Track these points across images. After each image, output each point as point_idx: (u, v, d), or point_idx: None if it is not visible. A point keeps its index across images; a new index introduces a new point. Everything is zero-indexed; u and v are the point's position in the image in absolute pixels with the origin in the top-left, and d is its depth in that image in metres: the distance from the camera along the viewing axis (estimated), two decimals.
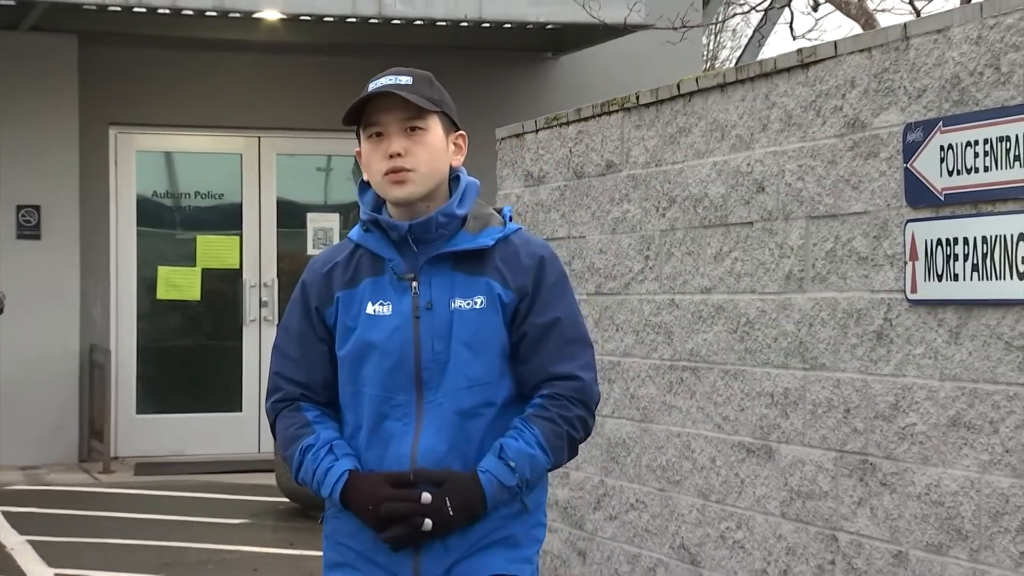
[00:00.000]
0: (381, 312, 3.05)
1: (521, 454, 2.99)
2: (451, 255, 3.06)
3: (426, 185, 3.06)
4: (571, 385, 3.05)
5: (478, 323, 3.03)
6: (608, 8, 11.91)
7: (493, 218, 3.12)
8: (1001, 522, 4.04)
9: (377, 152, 3.07)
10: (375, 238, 3.11)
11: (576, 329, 3.10)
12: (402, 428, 3.03)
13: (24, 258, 12.60)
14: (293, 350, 3.15)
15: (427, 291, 3.05)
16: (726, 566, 5.29)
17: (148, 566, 8.42)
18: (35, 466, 12.43)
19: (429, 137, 3.06)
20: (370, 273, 3.09)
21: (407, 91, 3.03)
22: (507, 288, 3.05)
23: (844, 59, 4.71)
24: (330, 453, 3.05)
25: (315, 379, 3.13)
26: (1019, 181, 3.97)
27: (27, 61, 12.61)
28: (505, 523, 3.05)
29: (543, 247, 3.13)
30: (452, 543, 3.02)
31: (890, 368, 4.49)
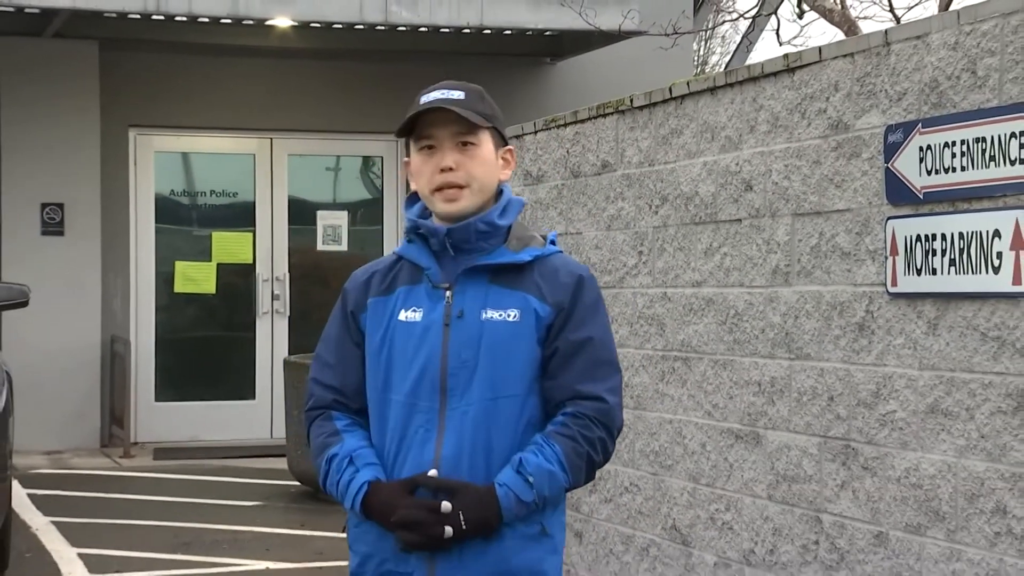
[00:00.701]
0: (412, 318, 2.95)
1: (540, 469, 2.85)
2: (488, 268, 2.95)
3: (476, 201, 2.95)
4: (596, 406, 2.91)
5: (508, 335, 2.91)
6: (603, 15, 11.91)
7: (534, 240, 3.02)
8: (976, 504, 4.04)
9: (428, 165, 2.95)
10: (416, 248, 3.00)
11: (607, 352, 2.97)
12: (424, 435, 2.91)
13: (48, 253, 12.60)
14: (330, 355, 3.05)
15: (460, 300, 2.93)
16: (715, 546, 5.29)
17: (166, 546, 8.42)
18: (59, 451, 12.45)
19: (481, 152, 2.96)
20: (407, 282, 2.99)
21: (460, 106, 2.93)
22: (544, 303, 2.93)
23: (828, 64, 4.70)
24: (351, 465, 2.94)
25: (349, 383, 3.03)
26: (994, 180, 3.97)
27: (51, 66, 12.61)
28: (525, 546, 2.91)
29: (582, 268, 3.02)
30: (468, 561, 2.87)
31: (871, 358, 4.49)
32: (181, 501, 9.95)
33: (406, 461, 2.90)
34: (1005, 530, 3.93)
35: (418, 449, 2.89)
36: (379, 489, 2.89)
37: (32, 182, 12.63)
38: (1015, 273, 3.89)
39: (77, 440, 12.64)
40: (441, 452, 2.88)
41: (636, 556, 5.83)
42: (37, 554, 8.24)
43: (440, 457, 2.87)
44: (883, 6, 12.02)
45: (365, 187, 14.07)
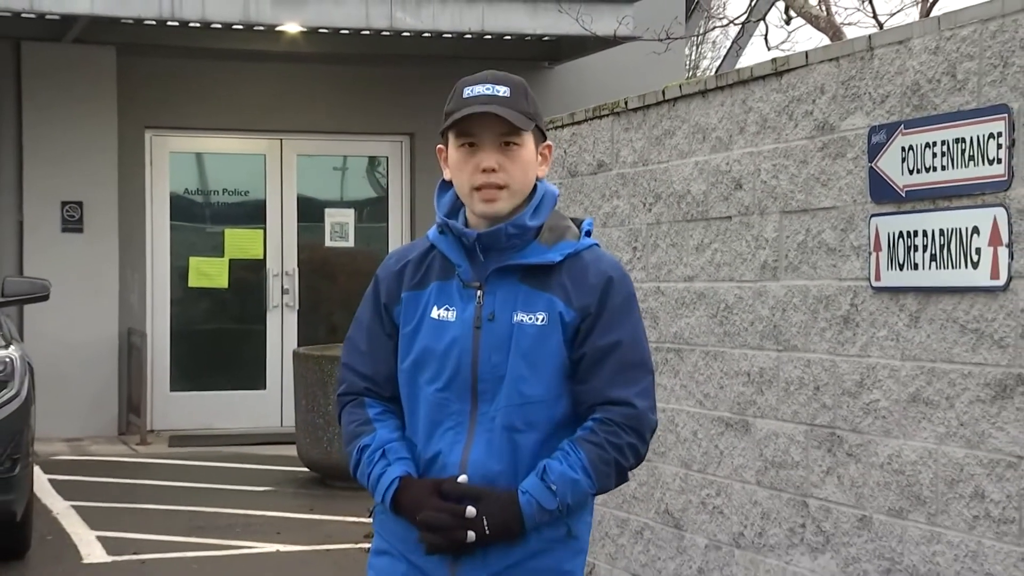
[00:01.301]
0: (446, 317, 2.79)
1: (564, 478, 2.70)
2: (519, 267, 2.78)
3: (514, 201, 2.79)
4: (625, 412, 2.76)
5: (538, 339, 2.75)
6: (599, 22, 11.91)
7: (569, 231, 2.83)
8: (956, 489, 4.04)
9: (469, 163, 2.77)
10: (448, 242, 2.83)
11: (637, 353, 2.81)
12: (453, 437, 2.77)
13: (68, 250, 12.61)
14: (362, 343, 2.90)
15: (491, 301, 2.77)
16: (706, 529, 5.30)
17: (181, 529, 8.43)
18: (78, 438, 12.46)
19: (523, 152, 2.79)
20: (439, 276, 2.83)
21: (506, 106, 2.76)
22: (569, 307, 2.76)
23: (814, 68, 4.70)
24: (383, 458, 2.80)
25: (381, 372, 2.88)
26: (973, 179, 3.97)
27: (70, 70, 12.61)
28: (549, 547, 2.77)
29: (613, 267, 2.83)
30: (492, 559, 2.74)
31: (856, 349, 4.49)
32: (195, 486, 9.96)
33: (436, 460, 2.78)
34: (983, 514, 3.94)
35: (447, 449, 2.77)
36: (409, 486, 2.76)
37: (52, 181, 12.64)
38: (993, 268, 3.89)
39: (96, 428, 12.66)
40: (469, 456, 2.75)
41: (631, 539, 5.84)
42: (58, 536, 8.24)
43: (468, 460, 2.75)
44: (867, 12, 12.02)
45: (371, 186, 14.07)
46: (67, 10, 11.25)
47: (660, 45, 11.43)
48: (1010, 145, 3.83)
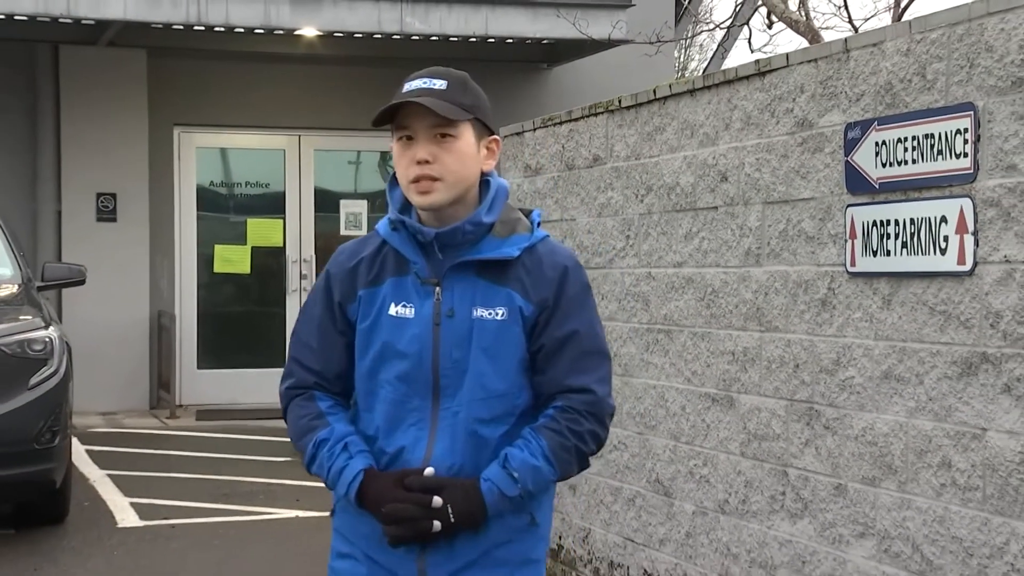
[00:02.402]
0: (404, 314, 2.61)
1: (525, 465, 2.56)
2: (476, 263, 2.61)
3: (452, 193, 2.60)
4: (584, 398, 2.61)
5: (498, 334, 2.59)
6: (595, 26, 11.90)
7: (520, 223, 2.67)
8: (924, 459, 4.04)
9: (405, 156, 2.61)
10: (401, 238, 2.65)
11: (594, 341, 2.65)
12: (416, 434, 2.59)
13: (103, 238, 12.63)
14: (312, 338, 2.70)
15: (449, 297, 2.60)
16: (694, 497, 5.30)
17: (208, 496, 8.45)
18: (113, 412, 12.48)
19: (459, 144, 2.60)
20: (394, 272, 2.64)
21: (440, 97, 2.58)
22: (528, 301, 2.60)
23: (794, 68, 4.69)
24: (345, 451, 2.61)
25: (331, 369, 2.69)
26: (941, 172, 3.96)
27: (104, 72, 12.61)
28: (513, 536, 2.62)
29: (568, 257, 2.67)
30: (459, 549, 2.58)
31: (832, 330, 4.49)
32: (221, 457, 9.98)
33: (400, 456, 2.59)
34: (950, 482, 3.94)
35: (411, 445, 2.59)
36: (373, 479, 2.58)
37: (88, 174, 12.64)
38: (959, 255, 3.88)
39: (129, 403, 12.68)
40: (433, 451, 2.58)
41: (624, 506, 5.84)
42: (94, 503, 8.27)
43: (432, 455, 2.57)
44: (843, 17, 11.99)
45: (383, 178, 14.07)
46: (101, 15, 11.24)
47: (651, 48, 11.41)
48: (975, 140, 3.82)
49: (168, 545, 7.19)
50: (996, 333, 3.77)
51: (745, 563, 4.95)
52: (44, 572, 6.62)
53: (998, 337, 3.76)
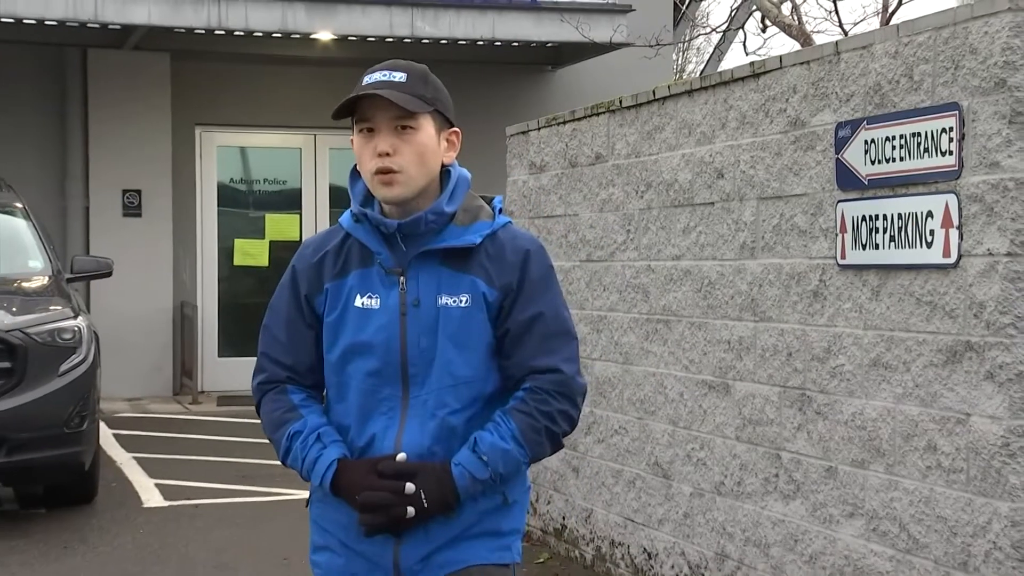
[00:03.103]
0: (370, 305, 2.51)
1: (495, 448, 2.46)
2: (439, 251, 2.51)
3: (414, 185, 2.50)
4: (552, 378, 2.50)
5: (463, 321, 2.49)
6: (596, 30, 11.88)
7: (483, 211, 2.57)
8: (911, 442, 4.05)
9: (367, 149, 2.53)
10: (364, 230, 2.55)
11: (559, 323, 2.54)
12: (386, 423, 2.50)
13: (128, 232, 12.64)
14: (281, 333, 2.60)
15: (414, 287, 2.50)
16: (691, 479, 5.31)
17: (229, 477, 8.47)
18: (138, 398, 12.50)
19: (419, 136, 2.50)
20: (359, 264, 2.54)
21: (399, 90, 2.48)
22: (492, 287, 2.50)
23: (787, 70, 4.69)
24: (318, 441, 2.51)
25: (302, 362, 2.59)
26: (927, 169, 3.96)
27: (130, 74, 12.62)
28: (485, 517, 2.53)
29: (530, 241, 2.57)
30: (433, 533, 2.50)
31: (824, 320, 4.49)
32: (241, 440, 10.00)
33: (371, 445, 2.50)
34: (935, 464, 3.94)
35: (381, 434, 2.49)
36: (347, 467, 2.49)
37: (115, 172, 12.66)
38: (945, 247, 3.88)
39: (153, 389, 12.70)
40: (403, 439, 2.48)
41: (624, 487, 5.85)
42: (121, 484, 8.28)
43: (402, 443, 2.48)
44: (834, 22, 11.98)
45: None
46: (127, 20, 11.25)
47: (651, 51, 11.39)
48: (960, 139, 3.82)
49: (191, 524, 7.20)
50: (979, 323, 3.76)
51: (740, 542, 4.95)
52: (74, 549, 6.63)
53: (981, 326, 3.76)
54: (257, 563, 6.32)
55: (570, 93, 13.27)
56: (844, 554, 4.35)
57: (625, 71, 12.77)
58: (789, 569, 4.64)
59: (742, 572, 4.93)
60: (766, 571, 4.78)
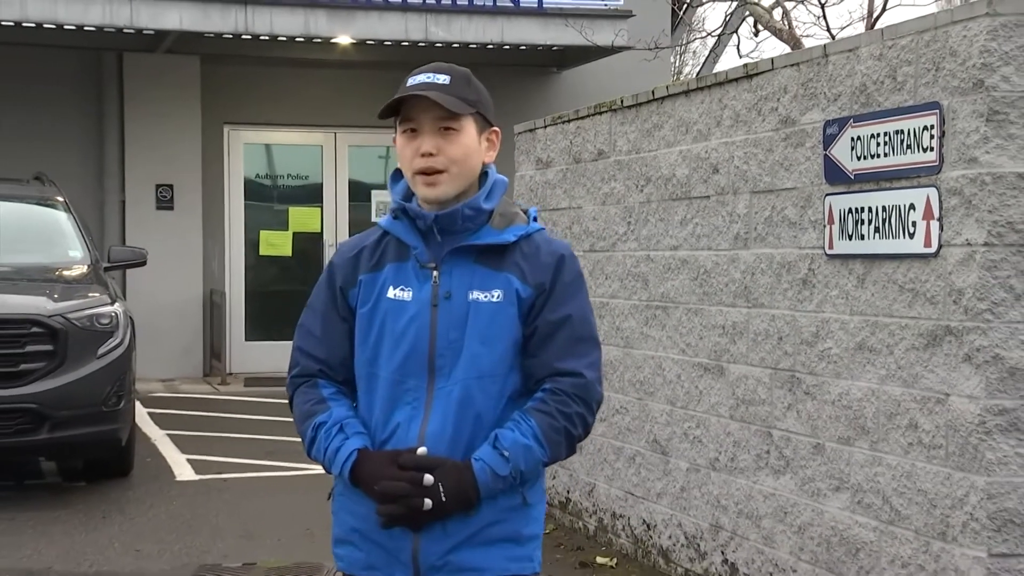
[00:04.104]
0: (402, 297, 2.41)
1: (516, 445, 2.34)
2: (474, 248, 2.42)
3: (457, 185, 2.42)
4: (574, 382, 2.39)
5: (493, 316, 2.39)
6: (599, 34, 11.86)
7: (518, 217, 2.48)
8: (894, 421, 4.04)
9: (410, 148, 2.42)
10: (403, 226, 2.46)
11: (586, 328, 2.44)
12: (411, 412, 2.39)
13: (161, 224, 12.66)
14: (316, 327, 2.51)
15: (447, 281, 2.40)
16: (688, 455, 5.31)
17: (256, 453, 8.49)
18: (171, 379, 12.53)
19: (462, 137, 2.41)
20: (394, 259, 2.45)
21: (443, 91, 2.40)
22: (525, 284, 2.40)
23: (779, 71, 4.67)
24: (340, 432, 2.41)
25: (334, 356, 2.49)
26: (910, 164, 3.95)
27: (162, 76, 12.62)
28: (505, 516, 2.39)
29: (563, 246, 2.48)
30: (452, 528, 2.36)
31: (812, 306, 4.48)
32: (267, 419, 10.02)
33: (394, 435, 2.39)
34: (916, 441, 3.94)
35: (405, 425, 2.38)
36: (367, 458, 2.38)
37: (149, 168, 12.67)
38: (926, 238, 3.88)
39: (185, 370, 12.73)
40: (427, 429, 2.37)
41: (625, 463, 5.86)
42: (155, 459, 8.31)
43: (426, 434, 2.37)
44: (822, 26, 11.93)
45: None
46: (160, 26, 11.26)
47: (650, 53, 11.36)
48: (940, 136, 3.81)
49: (221, 496, 7.23)
50: (958, 308, 3.76)
51: (733, 514, 4.95)
52: (111, 519, 6.66)
53: (960, 312, 3.75)
54: (282, 533, 6.34)
55: (574, 93, 13.24)
56: (831, 525, 4.35)
57: (626, 73, 12.74)
58: (779, 539, 4.64)
59: (735, 542, 4.94)
60: (757, 541, 4.78)
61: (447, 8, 11.77)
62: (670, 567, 5.41)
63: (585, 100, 10.20)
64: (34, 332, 7.02)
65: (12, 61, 12.27)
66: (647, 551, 5.61)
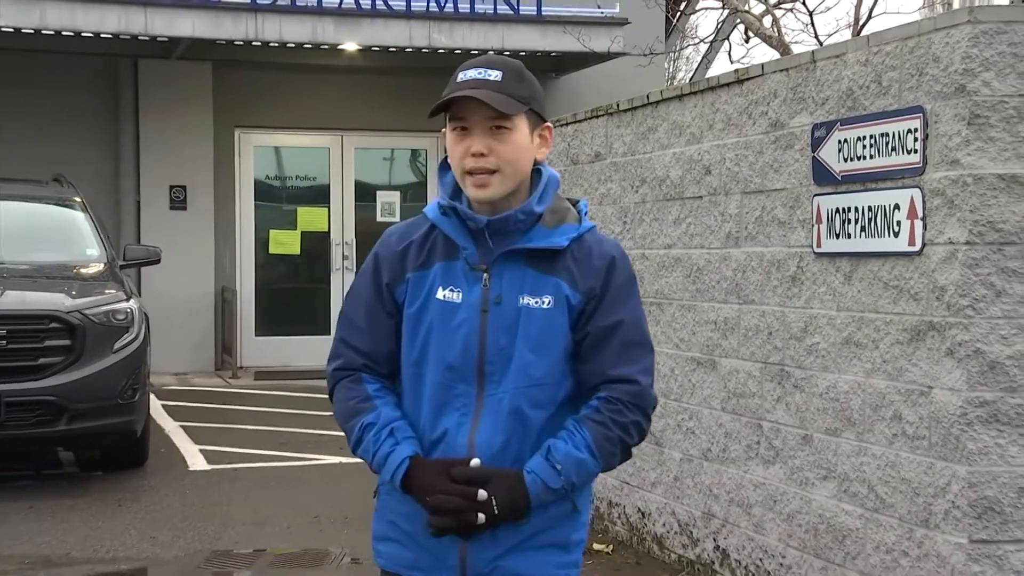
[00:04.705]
0: (452, 299, 2.25)
1: (569, 457, 2.20)
2: (525, 251, 2.25)
3: (508, 186, 2.24)
4: (628, 389, 2.25)
5: (544, 322, 2.23)
6: (596, 41, 11.86)
7: (569, 213, 2.32)
8: (879, 413, 4.05)
9: (460, 147, 2.24)
10: (452, 223, 2.28)
11: (639, 332, 2.29)
12: (459, 419, 2.23)
13: (175, 224, 12.66)
14: (361, 319, 2.32)
15: (498, 284, 2.24)
16: (681, 446, 5.32)
17: (267, 444, 8.49)
18: (184, 372, 12.53)
19: (514, 136, 2.23)
20: (443, 257, 2.27)
21: (495, 89, 2.20)
22: (575, 290, 2.25)
23: (769, 77, 4.68)
24: (391, 436, 2.24)
25: (379, 350, 2.31)
26: (895, 166, 3.95)
27: (176, 81, 12.62)
28: (555, 523, 2.26)
29: (615, 248, 2.32)
30: (501, 535, 2.23)
31: (801, 302, 4.48)
32: (276, 411, 10.02)
33: (441, 441, 2.24)
34: (900, 432, 3.94)
35: (454, 431, 2.23)
36: (419, 466, 2.22)
37: (163, 169, 12.67)
38: (910, 237, 3.88)
39: (197, 364, 12.73)
40: (476, 437, 2.22)
41: None
42: (169, 450, 8.32)
43: (475, 443, 2.22)
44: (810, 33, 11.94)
45: (413, 173, 14.06)
46: (173, 33, 11.26)
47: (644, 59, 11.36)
48: (924, 139, 3.81)
49: (232, 485, 7.23)
50: (941, 305, 3.76)
51: (725, 502, 4.96)
52: (127, 507, 6.67)
53: (943, 308, 3.76)
54: (291, 520, 6.34)
55: (572, 98, 13.24)
56: (818, 513, 4.35)
57: (621, 78, 12.74)
58: (769, 527, 4.65)
59: (726, 529, 4.94)
60: (748, 528, 4.79)
61: (450, 16, 11.77)
62: (664, 553, 5.42)
63: (582, 104, 10.20)
64: (53, 327, 7.03)
65: (32, 67, 12.28)
66: (642, 538, 5.62)
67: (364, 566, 5.42)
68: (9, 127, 12.37)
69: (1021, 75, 3.64)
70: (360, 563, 5.42)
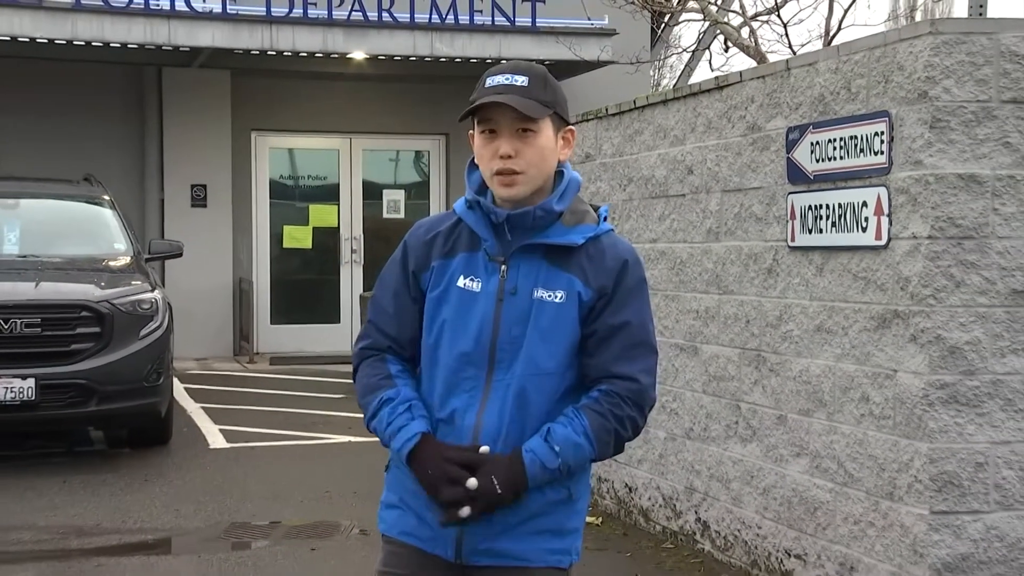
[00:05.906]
0: (471, 287, 2.24)
1: (567, 440, 2.18)
2: (543, 246, 2.23)
3: (533, 185, 2.23)
4: (629, 386, 2.21)
5: (555, 315, 2.21)
6: (586, 50, 11.86)
7: (588, 215, 2.29)
8: (848, 395, 4.06)
9: (488, 149, 2.23)
10: (475, 217, 2.27)
11: (644, 334, 2.25)
12: (468, 400, 2.22)
13: (195, 220, 12.65)
14: (389, 304, 2.32)
15: (514, 275, 2.23)
16: (665, 426, 5.33)
17: (280, 424, 8.50)
18: (205, 357, 12.53)
19: (539, 139, 2.22)
20: (466, 248, 2.27)
21: (521, 94, 2.20)
22: (588, 287, 2.22)
23: (747, 83, 4.68)
24: (408, 411, 2.24)
25: (404, 334, 2.30)
26: (863, 166, 3.96)
27: (197, 88, 12.61)
28: (552, 509, 2.24)
29: (629, 251, 2.28)
30: (498, 517, 2.20)
31: (776, 292, 4.49)
32: (290, 394, 10.03)
33: (451, 419, 2.23)
34: (867, 412, 3.96)
35: (461, 411, 2.22)
36: (428, 445, 2.21)
37: (185, 169, 12.66)
38: (877, 232, 3.89)
39: (217, 350, 12.73)
40: (483, 419, 2.20)
41: None
42: (191, 429, 8.32)
43: (481, 424, 2.20)
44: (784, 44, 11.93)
45: (417, 173, 14.05)
46: (195, 43, 11.24)
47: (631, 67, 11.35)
48: (890, 141, 3.81)
49: (249, 462, 7.24)
50: (905, 294, 3.77)
51: (706, 478, 4.97)
52: (152, 482, 6.68)
53: (907, 298, 3.77)
54: (303, 495, 6.35)
55: None
56: (792, 487, 4.37)
57: (610, 84, 12.73)
58: (746, 500, 4.66)
59: (707, 503, 4.95)
60: (727, 502, 4.80)
61: (451, 27, 11.76)
62: (649, 525, 5.43)
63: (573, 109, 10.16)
64: (83, 316, 7.03)
65: (64, 75, 12.25)
66: (629, 511, 5.63)
67: (371, 537, 5.43)
68: (42, 130, 12.35)
69: (979, 82, 3.65)
70: (368, 534, 5.43)
